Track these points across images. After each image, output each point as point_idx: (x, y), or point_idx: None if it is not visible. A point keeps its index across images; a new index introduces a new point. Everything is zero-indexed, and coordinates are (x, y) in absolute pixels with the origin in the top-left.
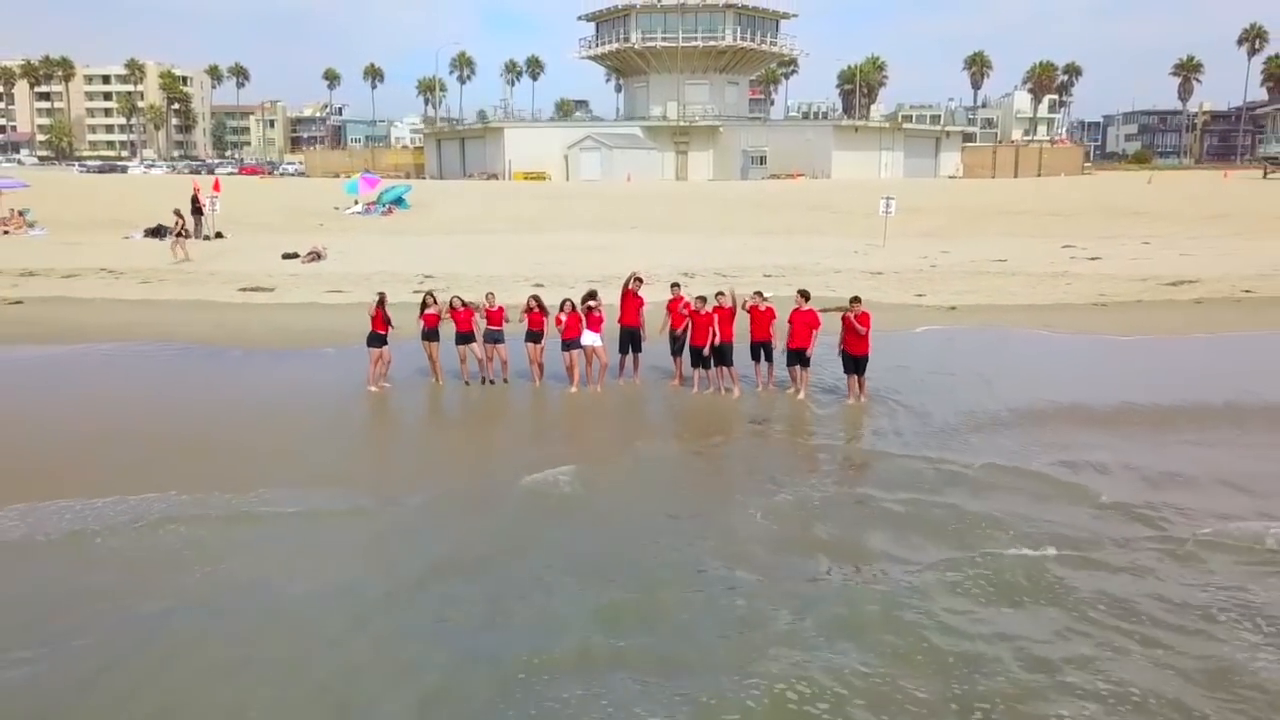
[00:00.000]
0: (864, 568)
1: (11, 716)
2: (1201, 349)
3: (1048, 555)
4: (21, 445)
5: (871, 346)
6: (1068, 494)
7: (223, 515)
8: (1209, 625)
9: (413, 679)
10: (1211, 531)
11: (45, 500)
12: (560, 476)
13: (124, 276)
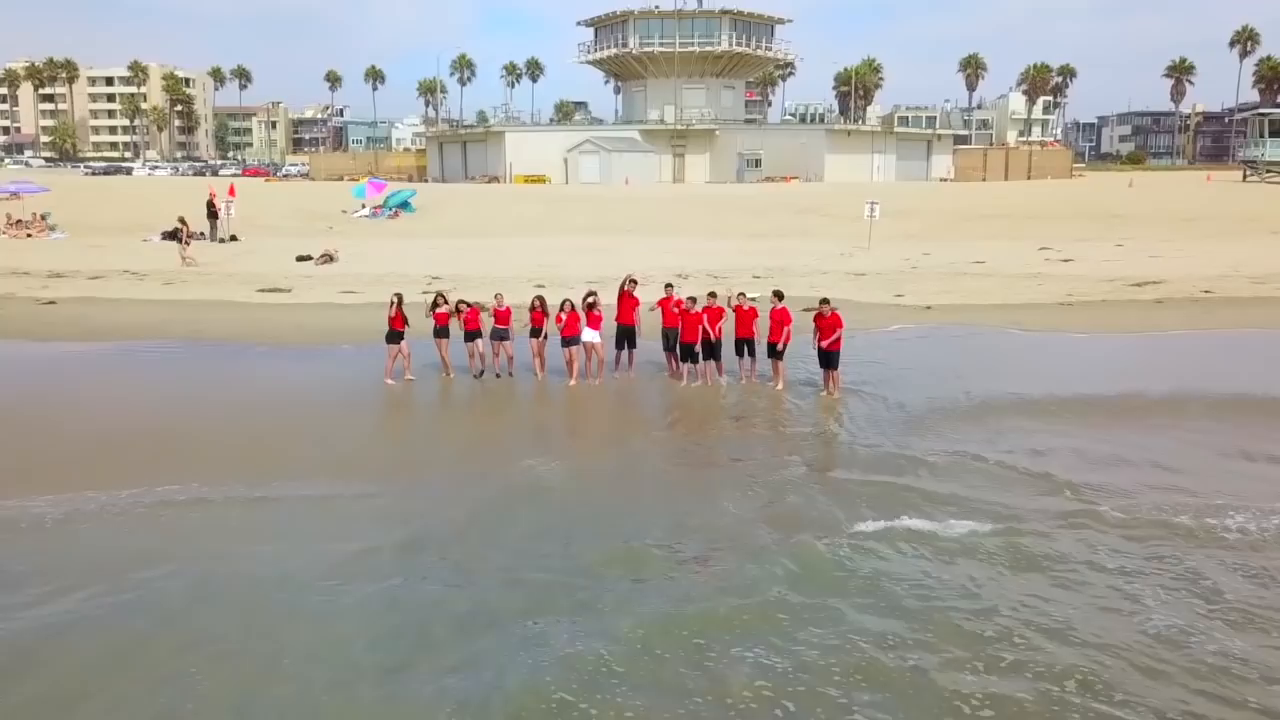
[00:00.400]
0: (822, 536)
1: (107, 633)
2: (1153, 345)
3: (985, 528)
4: (80, 435)
5: (843, 344)
6: (1012, 475)
7: (246, 499)
8: (1100, 580)
9: (383, 617)
10: (1125, 505)
11: (109, 485)
12: (550, 460)
13: (148, 278)
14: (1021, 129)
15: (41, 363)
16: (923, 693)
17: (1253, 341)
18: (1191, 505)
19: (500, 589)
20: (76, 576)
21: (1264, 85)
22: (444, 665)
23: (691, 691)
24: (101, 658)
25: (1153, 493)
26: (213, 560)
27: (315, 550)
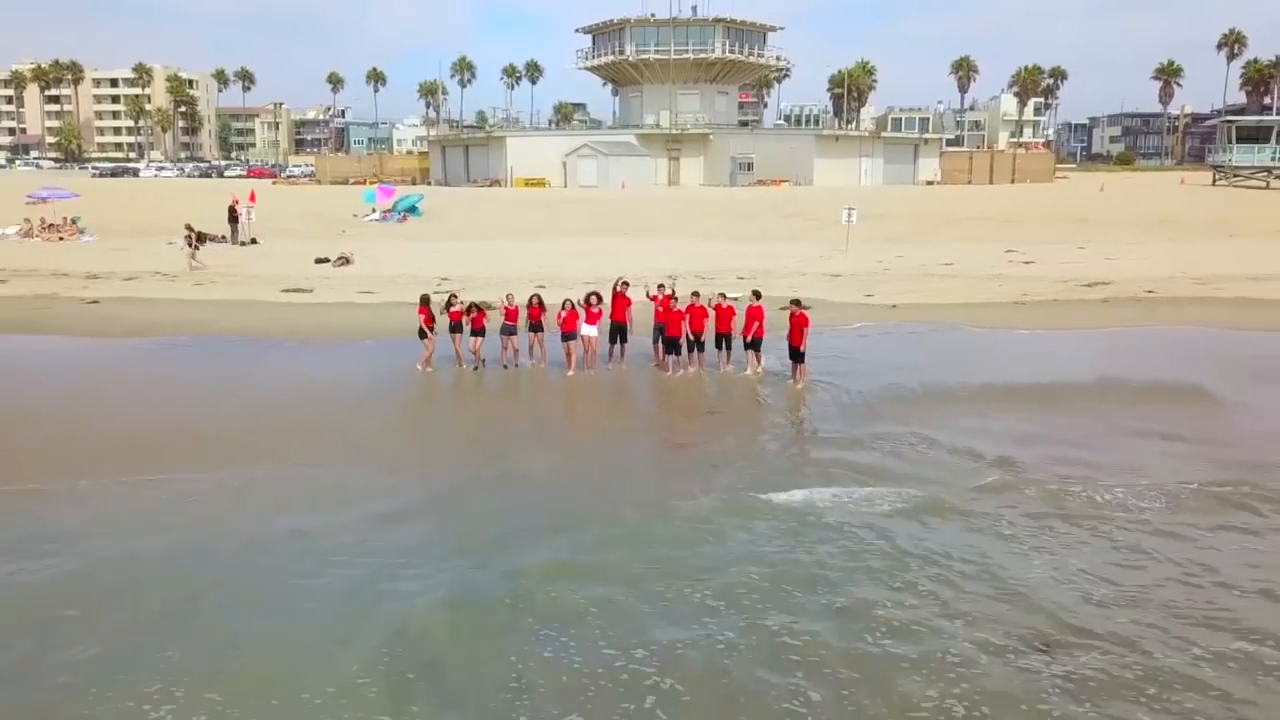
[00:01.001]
0: (779, 498)
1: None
2: (1089, 341)
3: (911, 492)
4: (153, 421)
5: (811, 339)
6: (942, 451)
7: (297, 468)
8: (996, 538)
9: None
10: (1034, 478)
11: (184, 466)
12: (546, 435)
13: (178, 279)
14: (1013, 130)
15: (101, 356)
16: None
17: (1177, 336)
18: (1089, 477)
19: (482, 529)
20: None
21: (1250, 87)
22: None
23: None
24: (181, 585)
25: (1061, 466)
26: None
27: (358, 505)
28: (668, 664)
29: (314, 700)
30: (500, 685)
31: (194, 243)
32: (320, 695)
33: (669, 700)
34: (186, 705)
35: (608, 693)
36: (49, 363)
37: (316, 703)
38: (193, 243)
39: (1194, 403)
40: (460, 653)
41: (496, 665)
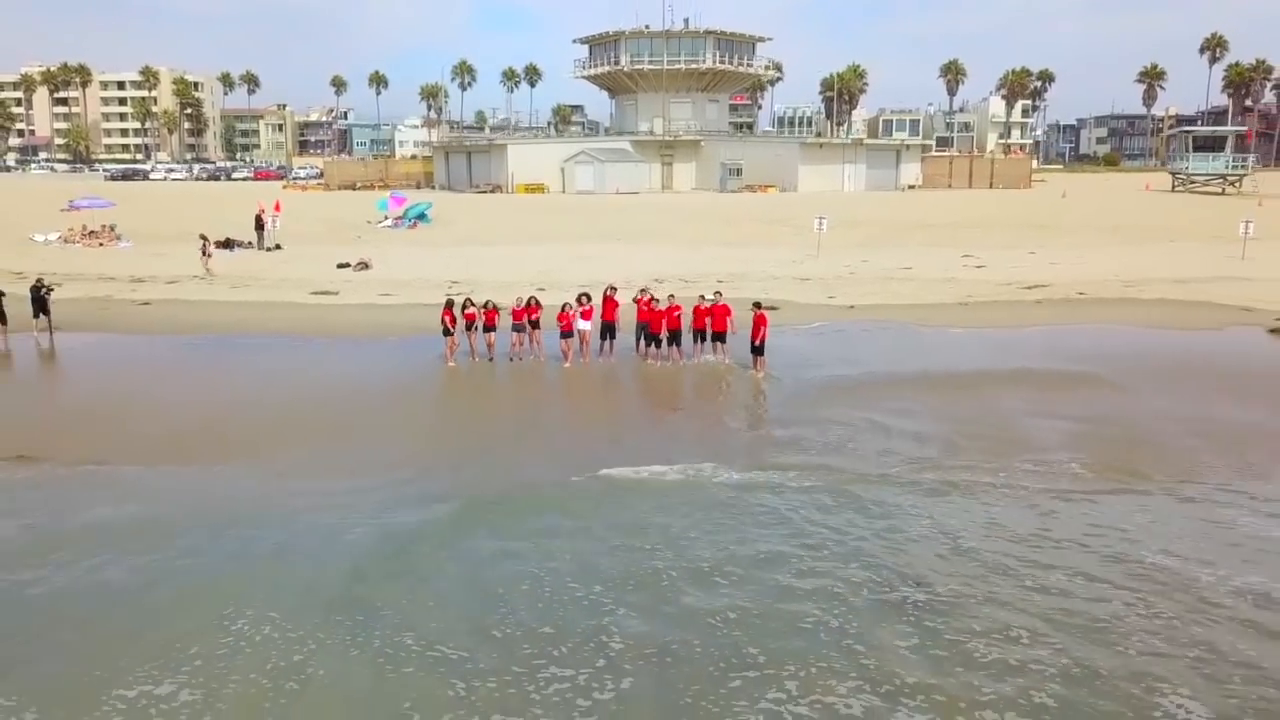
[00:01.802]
0: (725, 466)
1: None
2: (1014, 336)
3: (845, 468)
4: (219, 407)
5: (771, 336)
6: (875, 429)
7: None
8: (895, 500)
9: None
10: (940, 450)
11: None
12: (545, 410)
13: (217, 282)
14: (1002, 131)
15: (163, 351)
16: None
17: (1092, 333)
18: (979, 450)
19: (481, 467)
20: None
21: (1232, 89)
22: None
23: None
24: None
25: (960, 440)
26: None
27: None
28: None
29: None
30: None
31: (207, 250)
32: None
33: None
34: (220, 581)
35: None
36: (124, 355)
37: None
38: (206, 250)
39: (1090, 389)
40: (427, 548)
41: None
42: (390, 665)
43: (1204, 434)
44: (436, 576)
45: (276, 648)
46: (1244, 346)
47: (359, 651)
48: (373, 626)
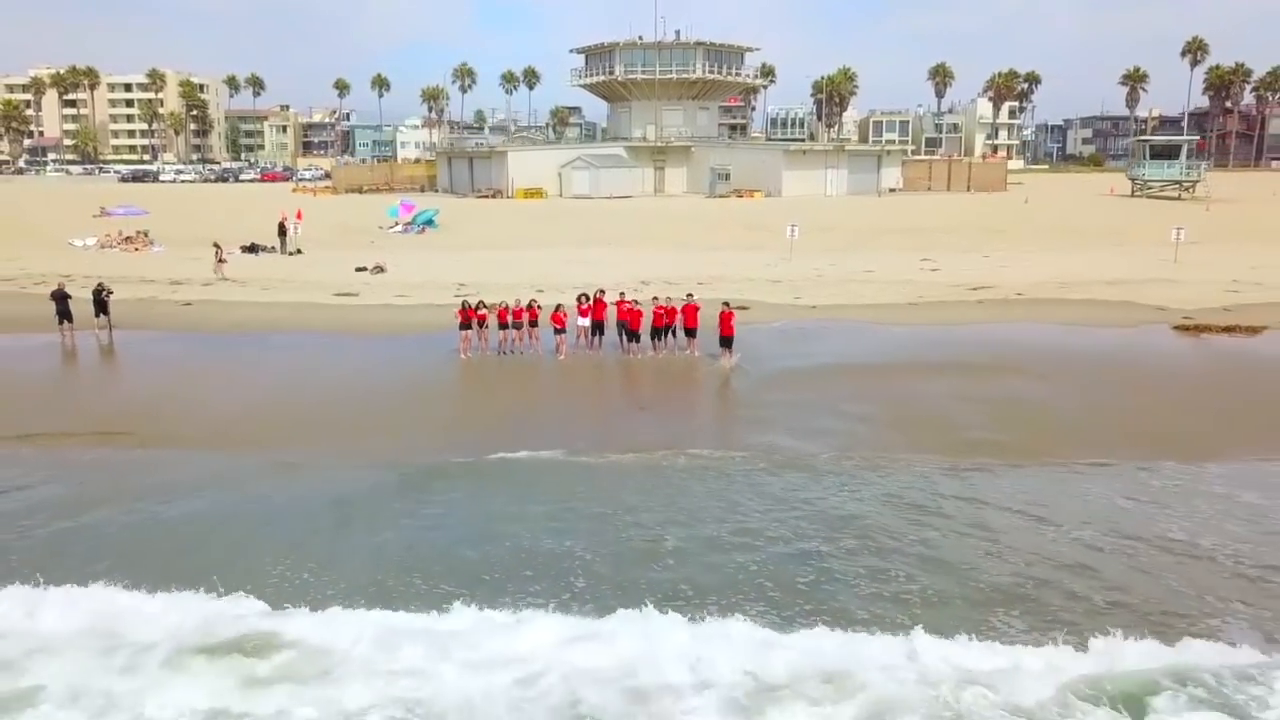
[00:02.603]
0: (694, 445)
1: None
2: (950, 332)
3: (801, 446)
4: (265, 395)
5: (738, 332)
6: (810, 409)
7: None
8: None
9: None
10: (872, 428)
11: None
12: (539, 391)
13: (248, 285)
14: (989, 133)
15: (208, 347)
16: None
17: (1019, 329)
18: (889, 424)
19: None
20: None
21: (1213, 92)
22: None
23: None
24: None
25: (886, 418)
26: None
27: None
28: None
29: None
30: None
31: (220, 257)
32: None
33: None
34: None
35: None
36: (178, 350)
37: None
38: (220, 257)
39: (1005, 376)
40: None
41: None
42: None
43: (1090, 414)
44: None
45: (285, 538)
46: (1148, 342)
47: (338, 537)
48: (333, 532)
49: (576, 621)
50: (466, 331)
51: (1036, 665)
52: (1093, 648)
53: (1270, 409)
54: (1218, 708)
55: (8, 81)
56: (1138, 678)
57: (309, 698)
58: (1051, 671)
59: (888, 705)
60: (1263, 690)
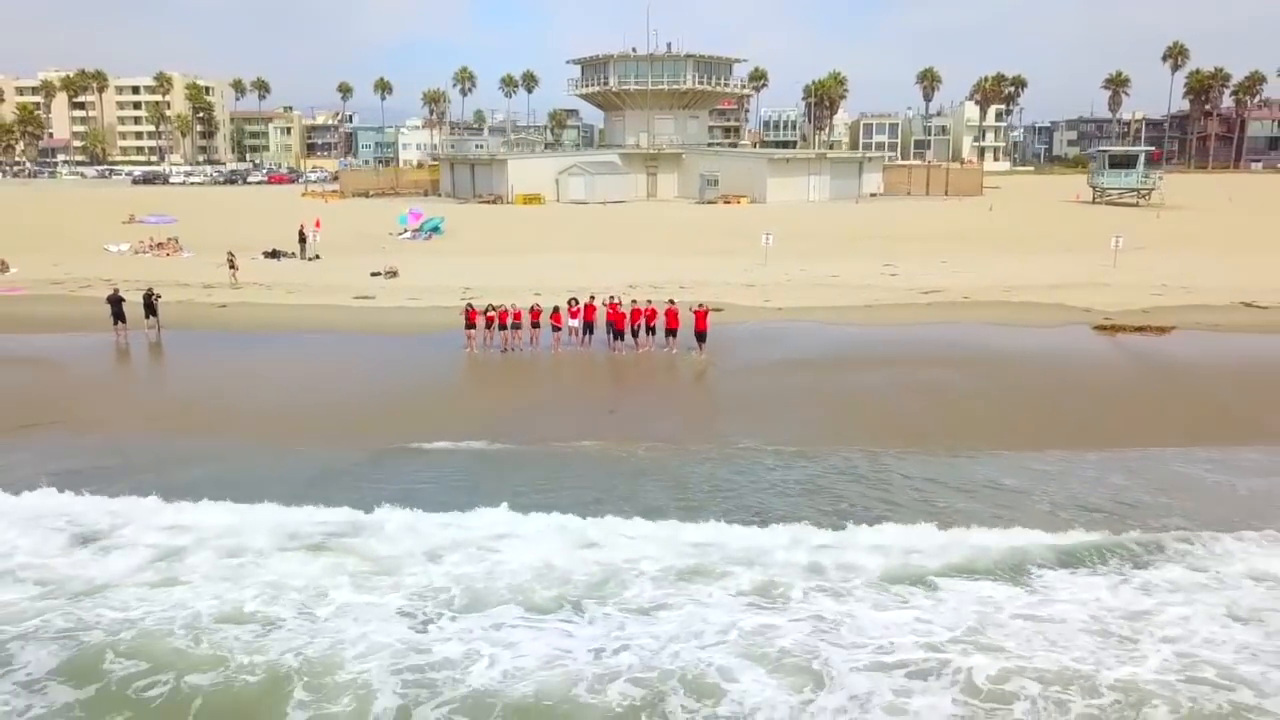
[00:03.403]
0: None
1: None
2: (899, 331)
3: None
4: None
5: (712, 330)
6: (783, 397)
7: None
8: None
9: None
10: (816, 409)
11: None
12: (534, 379)
13: (274, 289)
14: (976, 135)
15: (250, 344)
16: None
17: (959, 328)
18: (841, 410)
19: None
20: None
21: (1193, 96)
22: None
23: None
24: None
25: (821, 402)
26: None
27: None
28: None
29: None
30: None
31: (234, 265)
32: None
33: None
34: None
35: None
36: (222, 347)
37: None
38: (233, 265)
39: (935, 369)
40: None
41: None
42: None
43: (997, 404)
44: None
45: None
46: (1067, 340)
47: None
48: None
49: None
50: (472, 331)
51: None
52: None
53: (1157, 401)
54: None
55: (18, 84)
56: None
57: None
58: (878, 551)
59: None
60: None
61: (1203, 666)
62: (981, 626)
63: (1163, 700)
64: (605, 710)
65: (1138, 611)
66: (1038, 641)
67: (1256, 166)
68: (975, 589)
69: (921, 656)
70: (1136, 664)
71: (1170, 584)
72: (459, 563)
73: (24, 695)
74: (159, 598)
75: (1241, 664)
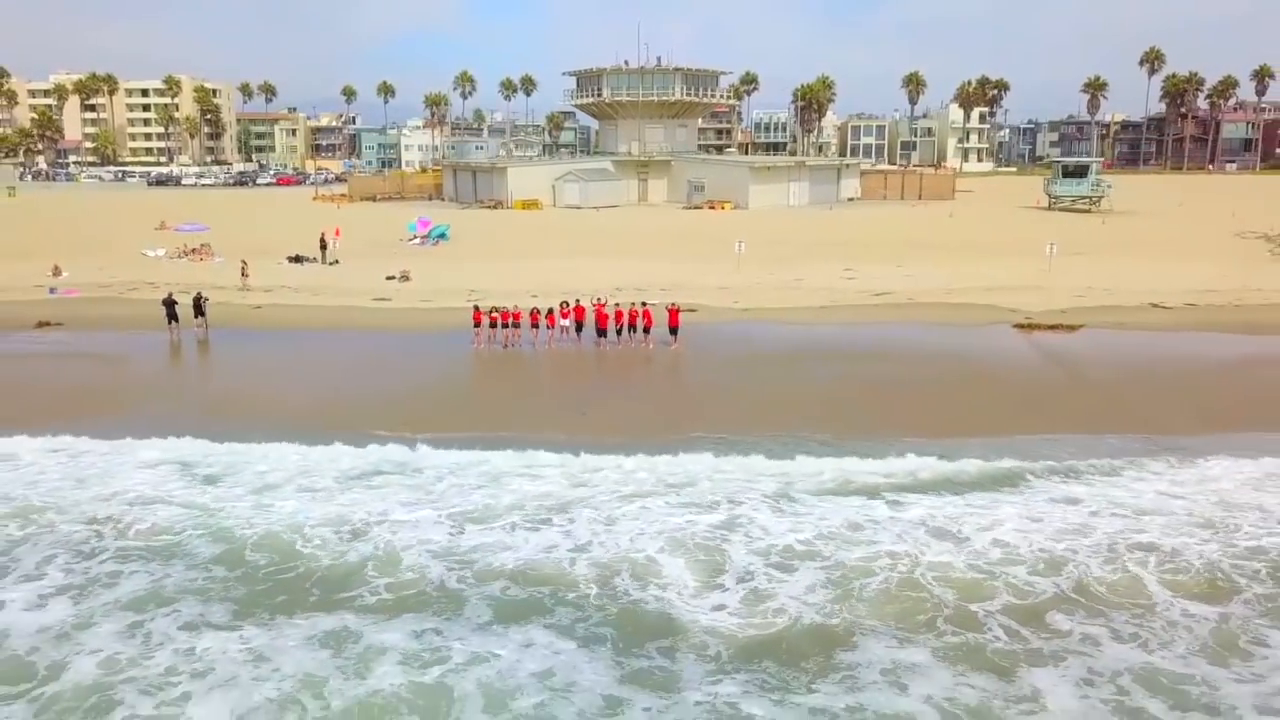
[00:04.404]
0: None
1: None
2: (845, 328)
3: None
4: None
5: (680, 326)
6: (742, 385)
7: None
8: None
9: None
10: (771, 396)
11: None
12: (529, 368)
13: (301, 291)
14: (960, 136)
15: (287, 341)
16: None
17: (897, 326)
18: (790, 400)
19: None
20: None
21: (1169, 99)
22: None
23: None
24: None
25: (764, 389)
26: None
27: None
28: None
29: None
30: None
31: (245, 272)
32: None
33: None
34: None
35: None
36: (263, 343)
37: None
38: (244, 272)
39: (872, 362)
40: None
41: None
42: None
43: (914, 392)
44: None
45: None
46: (989, 337)
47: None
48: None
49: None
50: (478, 329)
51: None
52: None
53: (1044, 389)
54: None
55: (30, 87)
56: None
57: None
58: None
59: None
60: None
61: (993, 550)
62: (849, 528)
63: (966, 566)
64: (574, 578)
65: (959, 514)
66: (890, 536)
67: (1231, 167)
68: (847, 502)
69: (801, 548)
70: (959, 547)
71: (990, 500)
72: (480, 488)
73: (197, 574)
74: (266, 514)
75: (1021, 546)
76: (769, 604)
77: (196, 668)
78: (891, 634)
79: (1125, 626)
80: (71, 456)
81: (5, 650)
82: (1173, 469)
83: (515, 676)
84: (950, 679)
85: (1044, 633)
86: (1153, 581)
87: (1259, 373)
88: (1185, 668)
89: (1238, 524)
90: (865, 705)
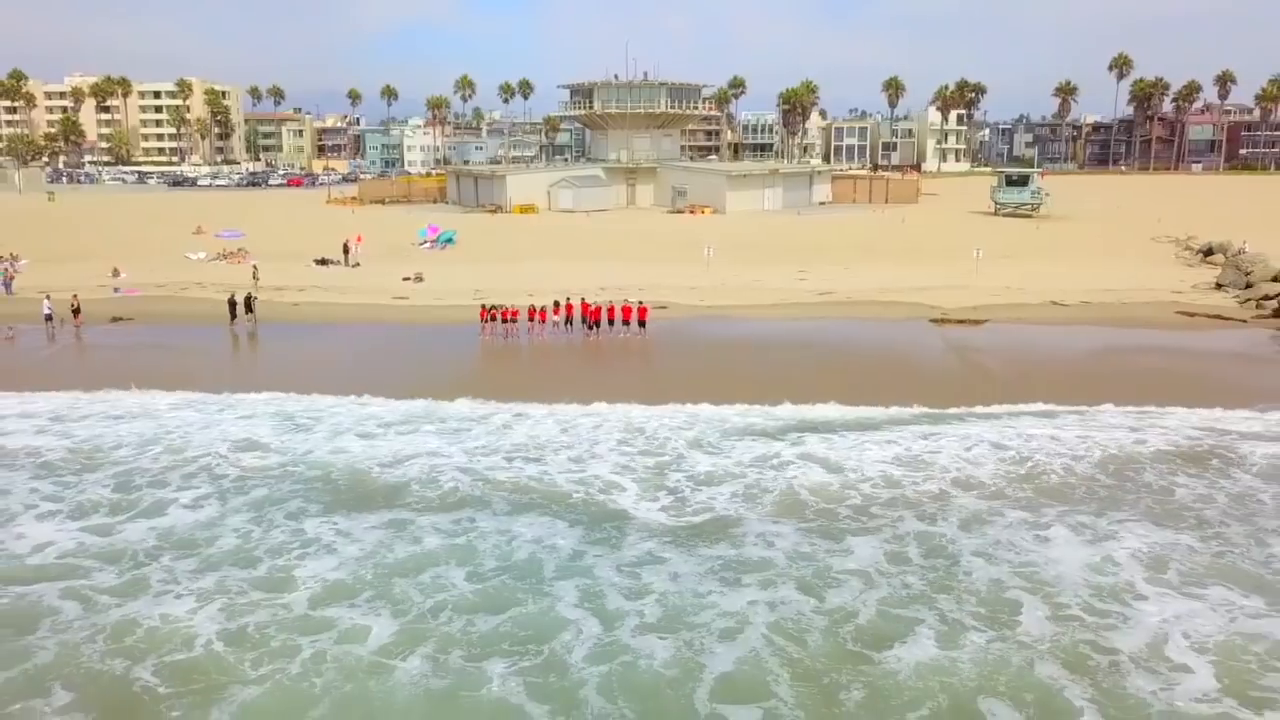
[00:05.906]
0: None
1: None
2: (789, 324)
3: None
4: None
5: (650, 320)
6: (711, 373)
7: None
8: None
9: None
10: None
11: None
12: (526, 359)
13: (330, 290)
14: (939, 138)
15: (324, 333)
16: None
17: (835, 321)
18: (727, 380)
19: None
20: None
21: (1136, 103)
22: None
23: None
24: None
25: (714, 373)
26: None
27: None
28: None
29: None
30: None
31: (256, 275)
32: None
33: None
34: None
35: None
36: (304, 335)
37: None
38: (255, 275)
39: (806, 351)
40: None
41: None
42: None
43: (839, 369)
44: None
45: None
46: (907, 329)
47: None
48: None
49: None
50: (484, 323)
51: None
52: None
53: (948, 371)
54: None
55: (47, 89)
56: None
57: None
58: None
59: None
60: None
61: (855, 473)
62: (760, 463)
63: (836, 483)
64: (560, 490)
65: (840, 450)
66: (795, 469)
67: (1197, 168)
68: (760, 443)
69: (726, 473)
70: (830, 471)
71: (861, 441)
72: (490, 433)
73: (300, 486)
74: (344, 455)
75: (871, 470)
76: (690, 506)
77: (305, 539)
78: (771, 519)
79: (926, 511)
80: (196, 410)
81: (174, 534)
82: (997, 428)
83: (517, 540)
84: (800, 539)
85: (866, 518)
86: (952, 491)
87: (1109, 358)
88: (952, 532)
89: (1028, 454)
90: (744, 555)
